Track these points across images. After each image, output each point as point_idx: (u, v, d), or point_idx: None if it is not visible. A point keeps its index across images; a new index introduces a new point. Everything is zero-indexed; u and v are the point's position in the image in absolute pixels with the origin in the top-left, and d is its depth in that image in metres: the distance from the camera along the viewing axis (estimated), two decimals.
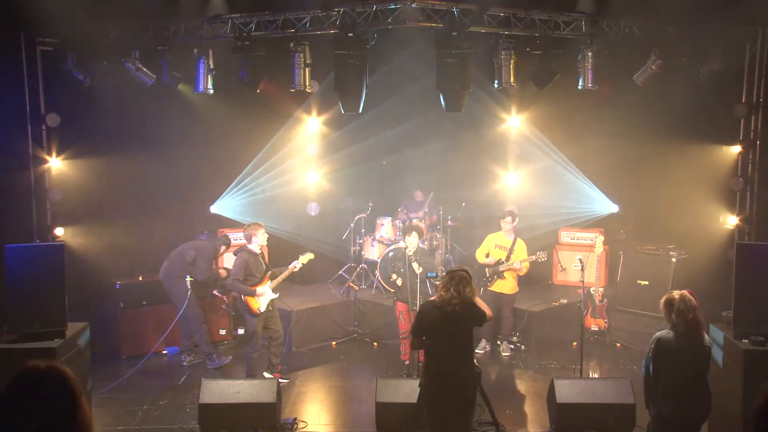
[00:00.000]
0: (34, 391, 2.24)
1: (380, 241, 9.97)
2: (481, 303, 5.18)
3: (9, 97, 8.23)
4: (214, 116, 9.33)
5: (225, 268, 8.36)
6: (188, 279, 8.05)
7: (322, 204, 10.70)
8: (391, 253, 9.11)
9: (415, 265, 7.48)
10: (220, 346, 8.84)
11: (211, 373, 7.89)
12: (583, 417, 6.06)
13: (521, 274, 8.53)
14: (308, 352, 8.78)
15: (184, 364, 8.25)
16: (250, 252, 7.40)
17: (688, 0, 7.83)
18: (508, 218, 8.58)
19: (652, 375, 4.71)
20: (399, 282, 7.67)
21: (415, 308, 7.33)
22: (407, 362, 7.76)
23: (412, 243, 7.62)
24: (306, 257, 7.66)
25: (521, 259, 8.42)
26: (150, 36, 8.42)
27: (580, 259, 7.37)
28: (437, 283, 5.49)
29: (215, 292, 8.53)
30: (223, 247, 8.44)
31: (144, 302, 8.61)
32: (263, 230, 7.47)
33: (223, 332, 9.08)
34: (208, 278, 8.18)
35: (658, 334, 4.75)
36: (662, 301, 4.80)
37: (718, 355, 5.84)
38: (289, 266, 7.59)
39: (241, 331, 8.94)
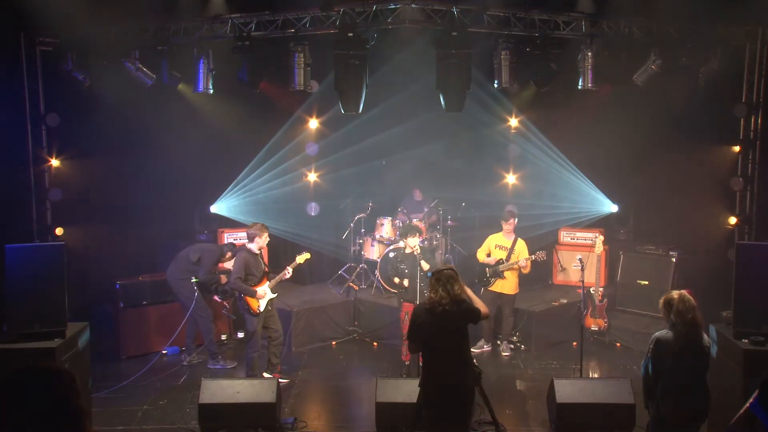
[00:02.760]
0: (30, 391, 2.23)
1: (380, 241, 9.97)
2: (476, 300, 5.17)
3: (9, 97, 8.23)
4: (214, 116, 9.33)
5: (225, 272, 8.34)
6: (193, 280, 8.04)
7: (322, 204, 10.69)
8: (391, 254, 9.10)
9: (423, 263, 7.48)
10: (221, 347, 8.84)
11: (211, 373, 7.89)
12: (583, 417, 6.06)
13: (525, 272, 8.55)
14: (308, 352, 8.77)
15: (185, 363, 8.25)
16: (250, 251, 7.40)
17: (688, 0, 7.83)
18: (510, 219, 8.59)
19: (652, 375, 4.71)
20: (406, 283, 7.66)
21: None
22: (408, 363, 7.77)
23: (413, 243, 7.63)
24: (303, 257, 7.68)
25: (525, 257, 8.44)
26: (150, 36, 8.42)
27: (580, 259, 7.37)
28: None
29: (216, 297, 8.50)
30: (229, 254, 8.41)
31: (144, 302, 8.61)
32: (267, 233, 7.47)
33: (223, 337, 9.08)
34: (208, 279, 8.16)
35: (657, 334, 4.75)
36: (661, 301, 4.80)
37: (718, 355, 5.84)
38: (284, 270, 7.60)
39: (240, 335, 8.95)
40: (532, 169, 10.62)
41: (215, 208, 9.92)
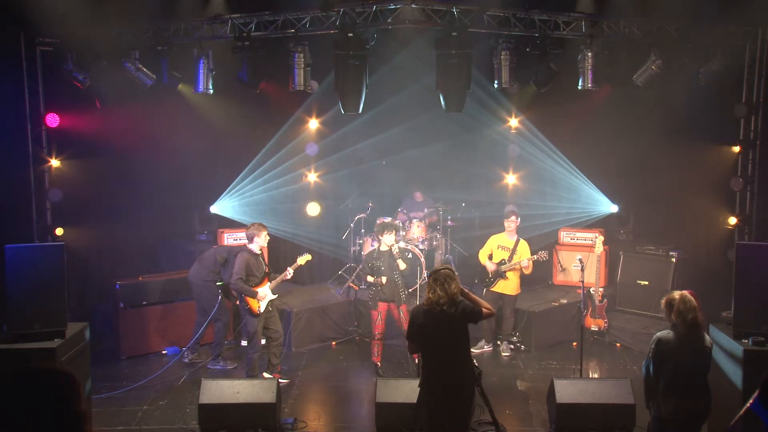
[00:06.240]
0: (30, 394, 2.22)
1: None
2: (480, 301, 5.14)
3: (9, 97, 8.23)
4: (214, 116, 9.32)
5: None
6: (219, 283, 7.96)
7: (322, 204, 10.69)
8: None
9: (399, 262, 7.57)
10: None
11: (211, 373, 7.89)
12: (583, 417, 6.06)
13: (527, 273, 8.55)
14: (308, 353, 8.77)
15: (186, 360, 8.23)
16: (251, 252, 7.40)
17: (687, 0, 7.84)
18: (512, 217, 8.59)
19: (653, 375, 4.72)
20: (384, 280, 7.68)
21: (403, 303, 7.69)
22: (379, 365, 7.85)
23: (388, 241, 7.67)
24: (304, 258, 7.68)
25: (527, 257, 8.44)
26: (150, 36, 8.42)
27: (580, 259, 7.37)
28: None
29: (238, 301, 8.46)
30: None
31: (144, 302, 8.60)
32: (266, 232, 7.47)
33: (244, 343, 9.01)
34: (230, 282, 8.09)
35: (658, 334, 4.75)
36: (663, 301, 4.81)
37: (718, 355, 5.84)
38: (285, 272, 7.59)
39: (244, 342, 8.94)
40: (532, 169, 10.61)
41: (215, 209, 9.91)
